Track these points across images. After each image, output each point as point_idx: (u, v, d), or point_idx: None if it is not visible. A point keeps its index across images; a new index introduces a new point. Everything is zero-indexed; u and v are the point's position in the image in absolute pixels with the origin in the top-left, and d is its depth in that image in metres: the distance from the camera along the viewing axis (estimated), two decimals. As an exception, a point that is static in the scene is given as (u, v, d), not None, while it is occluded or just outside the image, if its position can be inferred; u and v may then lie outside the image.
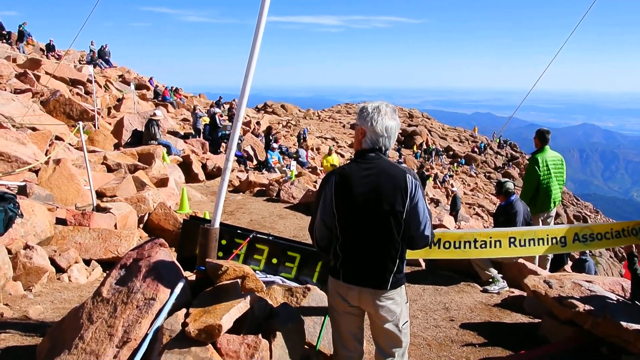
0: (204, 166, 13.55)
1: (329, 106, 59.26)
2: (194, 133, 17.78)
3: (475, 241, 5.20)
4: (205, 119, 18.33)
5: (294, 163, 18.22)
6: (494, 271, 6.08)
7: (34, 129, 10.93)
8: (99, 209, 6.99)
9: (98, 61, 27.06)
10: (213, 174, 13.40)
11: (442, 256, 5.39)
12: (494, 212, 7.64)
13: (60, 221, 6.32)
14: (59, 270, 5.39)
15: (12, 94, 12.94)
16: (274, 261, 3.99)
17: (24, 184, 7.05)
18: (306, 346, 3.29)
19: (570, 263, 8.93)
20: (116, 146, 13.35)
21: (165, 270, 3.17)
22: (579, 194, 61.22)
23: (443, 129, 53.76)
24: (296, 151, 22.19)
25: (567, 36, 5.73)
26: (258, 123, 26.29)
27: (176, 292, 3.05)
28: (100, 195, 7.93)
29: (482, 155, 45.63)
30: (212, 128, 17.25)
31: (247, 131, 20.78)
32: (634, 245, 4.95)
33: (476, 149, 46.69)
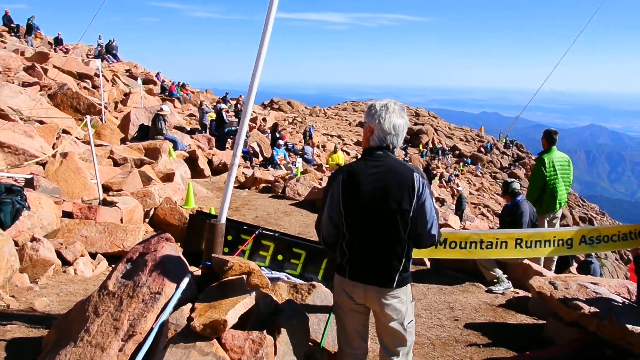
0: (209, 162, 13.60)
1: (335, 103, 59.16)
2: (200, 128, 17.82)
3: (481, 242, 5.19)
4: (212, 115, 18.37)
5: (299, 160, 18.19)
6: (499, 271, 6.06)
7: (41, 122, 10.99)
8: (105, 202, 7.02)
9: (106, 55, 27.16)
10: (219, 169, 13.44)
11: (447, 256, 5.39)
12: (499, 213, 7.62)
13: (67, 214, 6.36)
14: (65, 263, 5.42)
15: (20, 87, 13.01)
16: (280, 258, 3.99)
17: (31, 176, 7.09)
18: (310, 343, 3.29)
19: (575, 265, 8.89)
20: (123, 140, 13.41)
21: (171, 264, 3.18)
22: (585, 195, 60.87)
23: (449, 128, 53.51)
24: (302, 148, 22.17)
25: (574, 36, 5.70)
26: (264, 119, 26.30)
27: (182, 286, 3.06)
28: (106, 189, 7.95)
29: (488, 155, 45.41)
30: (219, 124, 17.27)
31: (254, 127, 20.80)
32: None
33: (482, 149, 46.48)
